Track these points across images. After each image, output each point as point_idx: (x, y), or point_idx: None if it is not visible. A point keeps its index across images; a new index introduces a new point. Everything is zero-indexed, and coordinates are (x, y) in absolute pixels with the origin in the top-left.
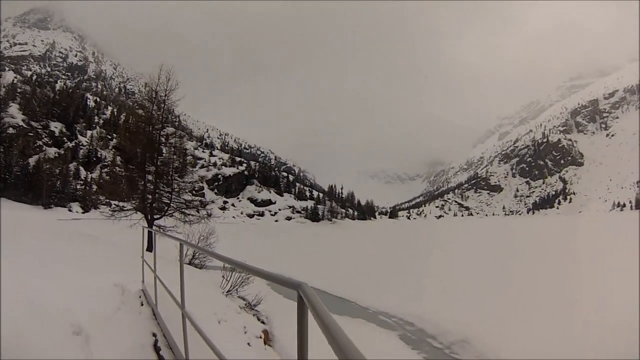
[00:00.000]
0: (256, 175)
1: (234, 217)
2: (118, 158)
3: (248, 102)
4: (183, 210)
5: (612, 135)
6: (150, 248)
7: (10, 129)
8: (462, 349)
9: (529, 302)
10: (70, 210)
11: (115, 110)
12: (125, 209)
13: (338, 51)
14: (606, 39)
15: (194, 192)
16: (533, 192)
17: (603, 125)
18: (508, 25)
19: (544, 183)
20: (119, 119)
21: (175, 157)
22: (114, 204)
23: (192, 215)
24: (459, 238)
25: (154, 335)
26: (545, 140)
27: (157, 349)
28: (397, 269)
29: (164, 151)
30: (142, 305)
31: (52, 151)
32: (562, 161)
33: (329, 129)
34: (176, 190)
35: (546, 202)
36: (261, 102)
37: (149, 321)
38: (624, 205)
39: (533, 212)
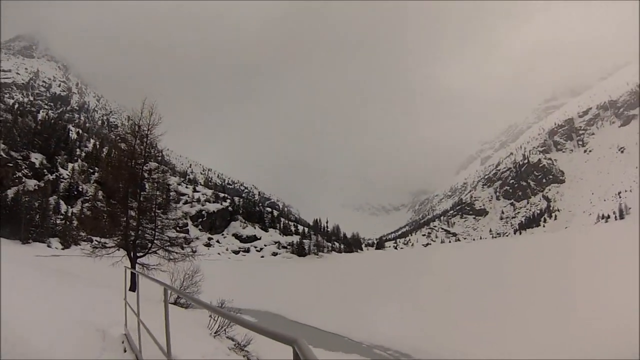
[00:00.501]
0: (240, 211)
1: (219, 253)
2: (100, 192)
3: (231, 137)
4: (167, 247)
5: (590, 151)
6: (133, 288)
7: None
8: None
9: (526, 324)
10: (49, 247)
11: (97, 143)
12: (107, 245)
13: (315, 80)
14: (575, 59)
15: (177, 228)
16: (518, 212)
17: (580, 142)
18: (486, 50)
19: (528, 203)
20: (102, 152)
21: (158, 192)
22: (96, 240)
23: (177, 252)
24: (448, 264)
25: None
26: (526, 161)
27: None
28: (387, 300)
29: (146, 186)
30: (124, 351)
31: (31, 183)
32: (544, 180)
33: (312, 163)
34: (159, 227)
35: (532, 222)
36: (243, 136)
37: None
38: (609, 217)
39: (520, 233)
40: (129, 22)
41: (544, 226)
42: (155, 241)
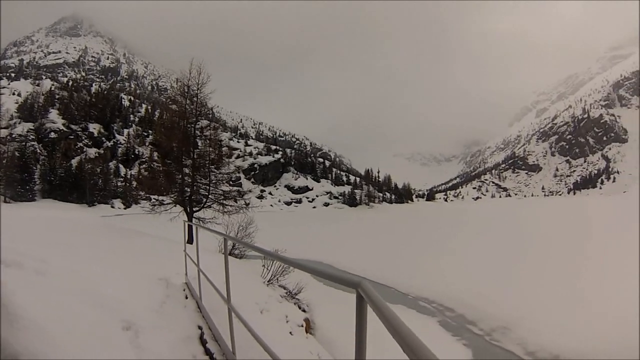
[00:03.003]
0: (292, 163)
1: (271, 205)
2: (155, 154)
3: (281, 90)
4: (221, 201)
5: None
6: (191, 240)
7: (52, 133)
8: (503, 335)
9: (569, 288)
10: (112, 207)
11: (149, 107)
12: (164, 203)
13: (370, 34)
14: None
15: (231, 182)
16: (574, 171)
17: None
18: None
19: (585, 162)
20: (154, 116)
21: (210, 149)
22: (154, 199)
23: (231, 205)
24: (498, 220)
25: (200, 328)
26: (585, 116)
27: (203, 341)
28: (436, 253)
29: (199, 144)
30: (186, 298)
31: (92, 151)
32: (604, 138)
33: (363, 112)
34: (213, 181)
35: (588, 182)
36: (294, 89)
37: (194, 314)
38: None
39: (574, 193)
40: None
41: (600, 188)
42: (209, 196)
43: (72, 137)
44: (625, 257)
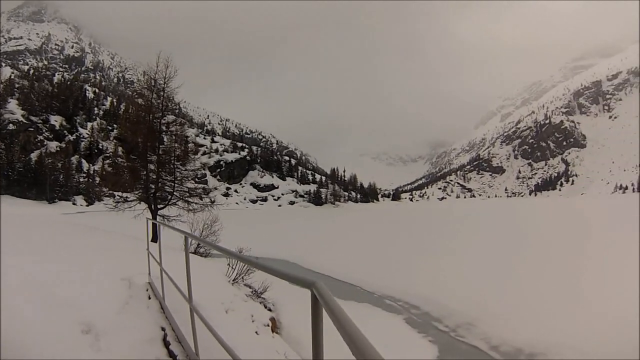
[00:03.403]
0: (258, 160)
1: (237, 203)
2: (119, 149)
3: (248, 87)
4: (186, 198)
5: (615, 118)
6: (155, 239)
7: (10, 125)
8: (467, 331)
9: (533, 285)
10: (74, 204)
11: (114, 100)
12: (128, 200)
13: (340, 33)
14: (610, 19)
15: (196, 179)
16: (535, 173)
17: (606, 107)
18: (512, 5)
19: (546, 165)
20: (119, 109)
21: (176, 145)
22: (118, 196)
23: (196, 203)
24: (462, 220)
25: (163, 329)
26: (547, 121)
27: (166, 343)
28: (401, 251)
29: (165, 140)
30: (149, 298)
31: (53, 145)
32: (564, 143)
33: (331, 111)
34: (179, 178)
35: (548, 184)
36: (261, 87)
37: (157, 315)
38: (626, 188)
39: (535, 194)
40: None
41: (560, 190)
42: (174, 193)
43: (32, 129)
44: (586, 258)
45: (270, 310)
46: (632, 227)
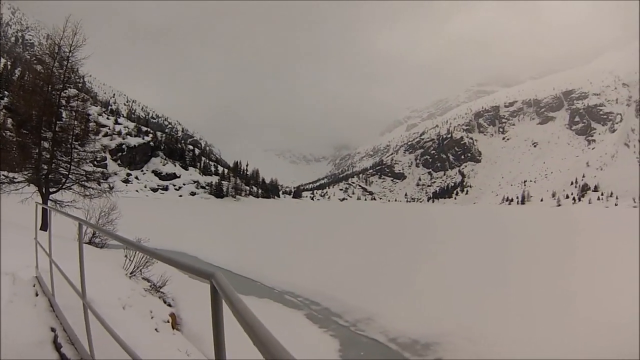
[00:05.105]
0: (162, 147)
1: (137, 190)
2: (9, 120)
3: (159, 71)
4: (83, 182)
5: (508, 139)
6: (44, 227)
7: None
8: (367, 325)
9: (430, 277)
10: None
11: (9, 63)
12: (16, 180)
13: (260, 29)
14: (513, 55)
15: (95, 162)
16: (434, 182)
17: (501, 129)
18: (430, 26)
19: (444, 175)
20: (13, 74)
21: (76, 122)
22: (3, 175)
23: (93, 188)
24: (362, 219)
25: (53, 330)
26: (449, 135)
27: (57, 345)
28: (301, 248)
29: (64, 115)
30: (36, 295)
31: None
32: (462, 156)
33: (240, 105)
34: (76, 160)
35: (445, 192)
36: (173, 72)
37: (46, 314)
38: (512, 200)
39: (433, 201)
40: None
41: (455, 198)
42: (70, 176)
43: None
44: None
45: (170, 305)
46: (503, 232)
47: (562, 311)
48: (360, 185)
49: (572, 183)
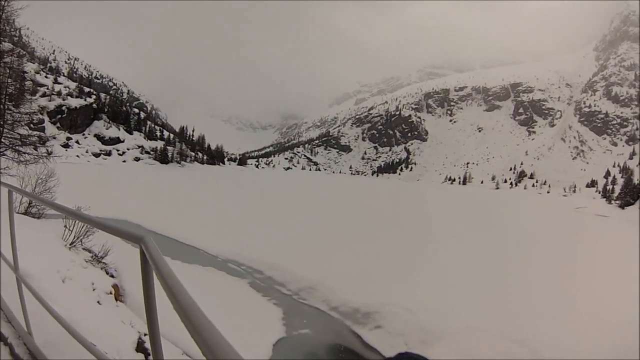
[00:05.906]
0: (105, 110)
1: (77, 156)
2: None
3: (105, 27)
4: (17, 147)
5: (455, 122)
6: None
7: None
8: (309, 294)
9: (374, 248)
10: None
11: None
12: None
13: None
14: (469, 41)
15: (31, 125)
16: (379, 157)
17: (449, 112)
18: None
19: (390, 150)
20: None
21: (10, 80)
22: None
23: (29, 154)
24: (307, 189)
25: None
26: (397, 113)
27: None
28: (246, 216)
29: None
30: None
31: None
32: (409, 134)
33: (187, 68)
34: (9, 122)
35: (390, 168)
36: (119, 30)
37: None
38: (454, 180)
39: (377, 175)
40: None
41: (399, 174)
42: (2, 140)
43: None
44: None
45: (112, 276)
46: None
47: (489, 278)
48: (305, 155)
49: (510, 169)
